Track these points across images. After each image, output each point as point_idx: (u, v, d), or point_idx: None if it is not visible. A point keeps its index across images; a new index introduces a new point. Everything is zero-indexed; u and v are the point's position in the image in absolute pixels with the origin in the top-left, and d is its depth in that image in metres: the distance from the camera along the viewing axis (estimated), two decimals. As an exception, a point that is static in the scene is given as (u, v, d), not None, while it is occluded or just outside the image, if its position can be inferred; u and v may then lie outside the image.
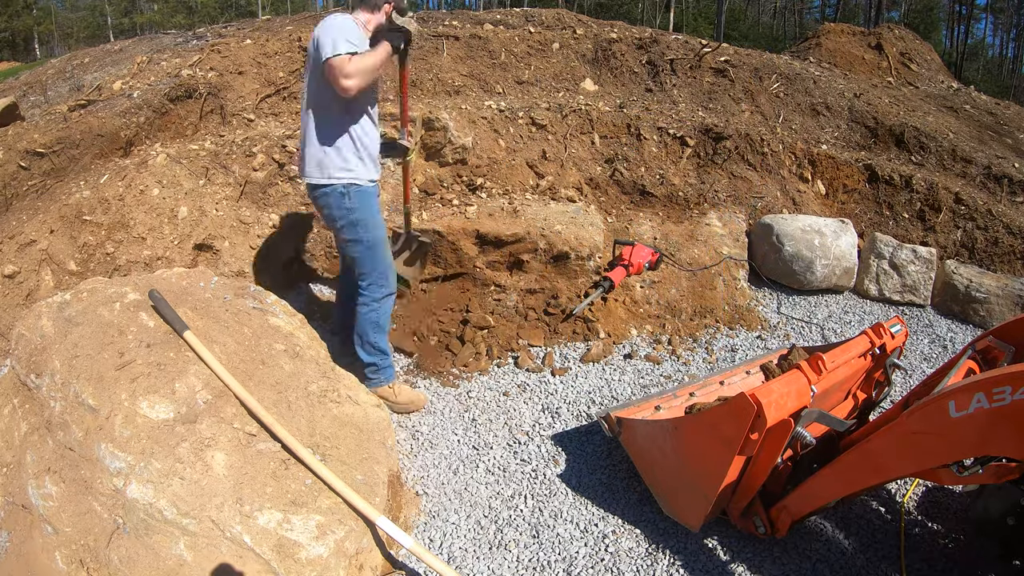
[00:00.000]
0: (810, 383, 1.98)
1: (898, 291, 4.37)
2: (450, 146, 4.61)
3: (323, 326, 3.69)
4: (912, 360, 3.73)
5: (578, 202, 4.36)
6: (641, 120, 5.01)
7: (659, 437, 2.33)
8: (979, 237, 4.58)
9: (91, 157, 3.91)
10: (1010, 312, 4.00)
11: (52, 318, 2.38)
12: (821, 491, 2.07)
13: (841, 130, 5.60)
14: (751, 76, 5.86)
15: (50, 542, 1.92)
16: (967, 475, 1.77)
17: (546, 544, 2.33)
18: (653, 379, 3.43)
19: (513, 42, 5.73)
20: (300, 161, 2.77)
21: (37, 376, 2.23)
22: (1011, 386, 1.55)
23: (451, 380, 3.33)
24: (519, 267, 3.93)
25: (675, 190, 4.72)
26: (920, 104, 6.41)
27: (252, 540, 1.88)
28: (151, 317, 2.42)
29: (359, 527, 2.06)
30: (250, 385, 2.30)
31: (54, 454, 2.05)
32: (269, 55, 4.96)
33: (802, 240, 4.30)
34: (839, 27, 8.29)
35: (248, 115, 4.67)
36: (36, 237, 3.33)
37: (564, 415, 3.08)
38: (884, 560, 2.29)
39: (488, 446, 2.85)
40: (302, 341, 2.71)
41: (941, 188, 4.82)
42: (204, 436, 2.05)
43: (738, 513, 2.25)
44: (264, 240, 3.91)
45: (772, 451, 2.00)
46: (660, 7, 28.78)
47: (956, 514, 2.52)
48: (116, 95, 4.57)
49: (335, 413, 2.45)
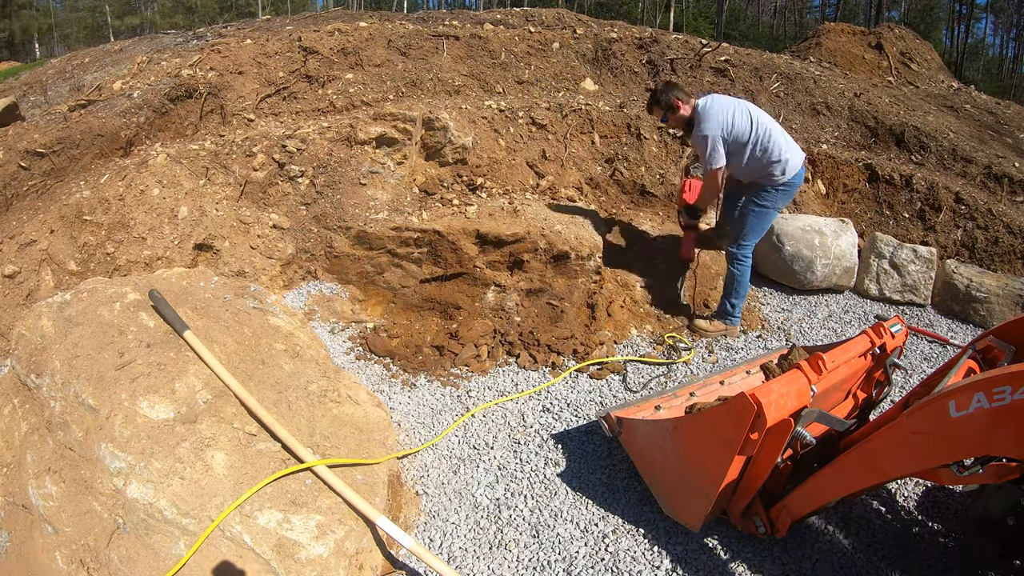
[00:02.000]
0: (810, 383, 1.97)
1: (898, 291, 4.37)
2: (450, 146, 4.61)
3: (323, 326, 3.69)
4: (912, 360, 3.73)
5: (578, 202, 4.36)
6: (641, 120, 5.01)
7: (659, 437, 2.33)
8: (979, 237, 4.58)
9: (91, 157, 3.91)
10: (1010, 312, 4.00)
11: (52, 318, 2.38)
12: (821, 491, 2.07)
13: (841, 130, 5.60)
14: (751, 76, 5.86)
15: (50, 542, 1.92)
16: (967, 475, 1.77)
17: (546, 544, 2.33)
18: (653, 379, 3.43)
19: (513, 42, 5.72)
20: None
21: (37, 376, 2.23)
22: (1011, 386, 1.55)
23: (451, 380, 3.32)
24: (519, 267, 3.93)
25: (675, 190, 4.72)
26: (920, 104, 6.41)
27: (252, 540, 1.88)
28: (151, 317, 2.43)
29: (359, 527, 2.06)
30: (250, 385, 2.30)
31: (54, 454, 2.06)
32: (269, 55, 4.96)
33: (802, 240, 4.30)
34: (839, 27, 8.29)
35: (248, 115, 4.67)
36: (36, 237, 3.33)
37: (564, 415, 3.08)
38: (884, 560, 2.29)
39: (488, 446, 2.85)
40: (302, 341, 2.71)
41: (941, 188, 4.82)
42: (204, 436, 2.05)
43: (738, 513, 2.25)
44: (264, 240, 3.91)
45: (772, 451, 2.00)
46: (660, 7, 28.76)
47: (956, 514, 2.52)
48: (116, 95, 4.57)
49: (335, 413, 2.45)
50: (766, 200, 3.60)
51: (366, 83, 5.01)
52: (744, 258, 3.71)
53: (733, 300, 3.80)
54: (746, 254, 3.71)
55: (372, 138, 4.33)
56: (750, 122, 3.51)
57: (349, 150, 4.28)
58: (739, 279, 3.73)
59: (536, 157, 4.74)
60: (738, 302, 3.81)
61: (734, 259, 3.73)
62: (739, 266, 3.72)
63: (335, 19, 6.49)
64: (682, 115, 3.60)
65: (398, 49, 5.31)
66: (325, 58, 5.02)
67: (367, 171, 4.18)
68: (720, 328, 3.85)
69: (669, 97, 3.57)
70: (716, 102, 3.56)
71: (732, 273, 3.74)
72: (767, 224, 3.74)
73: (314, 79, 4.94)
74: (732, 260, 3.75)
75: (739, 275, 3.72)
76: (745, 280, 3.75)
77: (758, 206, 3.63)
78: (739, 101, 3.63)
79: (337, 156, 4.21)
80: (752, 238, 3.71)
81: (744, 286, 3.77)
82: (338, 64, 5.07)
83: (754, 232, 3.70)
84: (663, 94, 3.59)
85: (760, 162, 3.53)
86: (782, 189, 3.57)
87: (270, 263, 3.86)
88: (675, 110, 3.58)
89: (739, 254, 3.71)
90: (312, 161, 4.15)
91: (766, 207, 3.62)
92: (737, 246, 3.72)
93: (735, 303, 3.80)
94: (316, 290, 3.92)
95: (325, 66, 5.01)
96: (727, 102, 3.58)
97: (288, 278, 3.93)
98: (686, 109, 3.59)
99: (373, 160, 4.28)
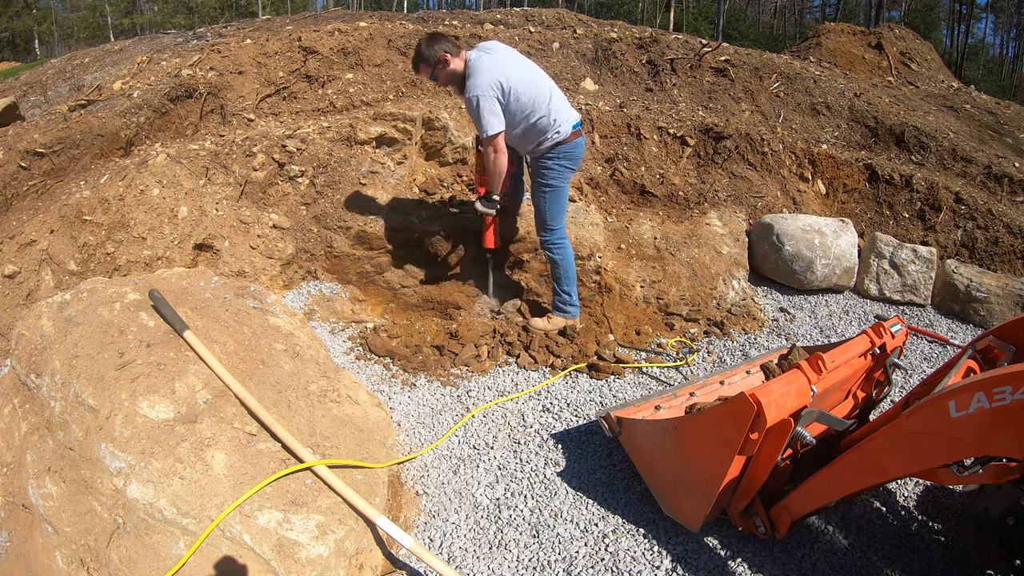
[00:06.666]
0: (810, 383, 1.98)
1: (898, 291, 4.37)
2: (450, 146, 4.61)
3: (323, 326, 3.69)
4: (912, 360, 3.73)
5: (578, 202, 4.36)
6: (641, 120, 5.01)
7: (659, 437, 2.33)
8: (979, 237, 4.58)
9: (91, 157, 3.91)
10: (1010, 312, 4.00)
11: (52, 318, 2.38)
12: (821, 491, 2.07)
13: (841, 130, 5.60)
14: (751, 76, 5.86)
15: (50, 542, 1.92)
16: (967, 475, 1.77)
17: (546, 544, 2.33)
18: (653, 379, 3.43)
19: (513, 41, 5.72)
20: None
21: (37, 376, 2.23)
22: (1011, 386, 1.55)
23: (451, 380, 3.33)
24: (519, 267, 3.93)
25: (675, 190, 4.72)
26: (920, 103, 6.41)
27: (252, 540, 1.88)
28: (151, 317, 2.43)
29: (359, 527, 2.06)
30: (250, 385, 2.30)
31: (54, 454, 2.06)
32: (269, 55, 4.96)
33: (802, 240, 4.30)
34: (839, 27, 8.29)
35: (248, 115, 4.67)
36: (36, 237, 3.33)
37: (564, 415, 3.08)
38: (884, 560, 2.29)
39: (488, 446, 2.85)
40: (302, 341, 2.71)
41: (941, 188, 4.82)
42: (204, 436, 2.05)
43: (738, 513, 2.25)
44: (264, 240, 3.91)
45: (772, 451, 2.00)
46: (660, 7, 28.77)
47: (956, 514, 2.52)
48: (116, 95, 4.57)
49: (335, 413, 2.45)
50: (552, 178, 3.33)
51: (366, 83, 5.01)
52: (558, 241, 3.46)
53: (566, 288, 3.54)
54: (559, 236, 3.46)
55: (372, 138, 4.33)
56: (531, 81, 3.13)
57: (349, 150, 4.28)
58: (562, 264, 3.48)
59: (536, 157, 4.73)
60: (571, 289, 3.54)
61: (548, 246, 3.48)
62: (556, 251, 3.46)
63: (335, 19, 6.50)
64: (452, 69, 3.17)
65: (398, 49, 5.31)
66: (325, 58, 5.02)
67: (367, 171, 4.18)
68: (560, 323, 3.61)
69: (434, 51, 3.11)
70: (488, 56, 3.14)
71: (553, 261, 3.49)
72: (565, 200, 3.46)
73: (314, 79, 4.94)
74: (546, 248, 3.49)
75: (560, 260, 3.47)
76: (568, 264, 3.49)
77: (547, 186, 3.35)
78: (518, 55, 3.28)
79: (337, 156, 4.21)
80: (558, 219, 3.44)
81: (570, 270, 3.51)
82: (338, 64, 5.07)
83: (556, 213, 3.41)
84: (427, 47, 3.12)
85: (536, 128, 3.20)
86: (563, 162, 3.29)
87: (270, 263, 3.86)
88: (444, 64, 3.14)
89: (550, 240, 3.46)
90: (312, 161, 4.15)
91: (553, 186, 3.35)
92: (547, 232, 3.45)
93: (568, 291, 3.54)
94: (316, 290, 3.92)
95: (325, 66, 5.01)
96: (503, 55, 3.19)
97: (288, 278, 3.93)
98: (456, 63, 3.16)
99: (373, 160, 4.29)
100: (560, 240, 3.48)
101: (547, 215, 3.42)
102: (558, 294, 3.58)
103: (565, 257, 3.49)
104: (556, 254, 3.48)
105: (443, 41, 3.16)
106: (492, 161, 3.20)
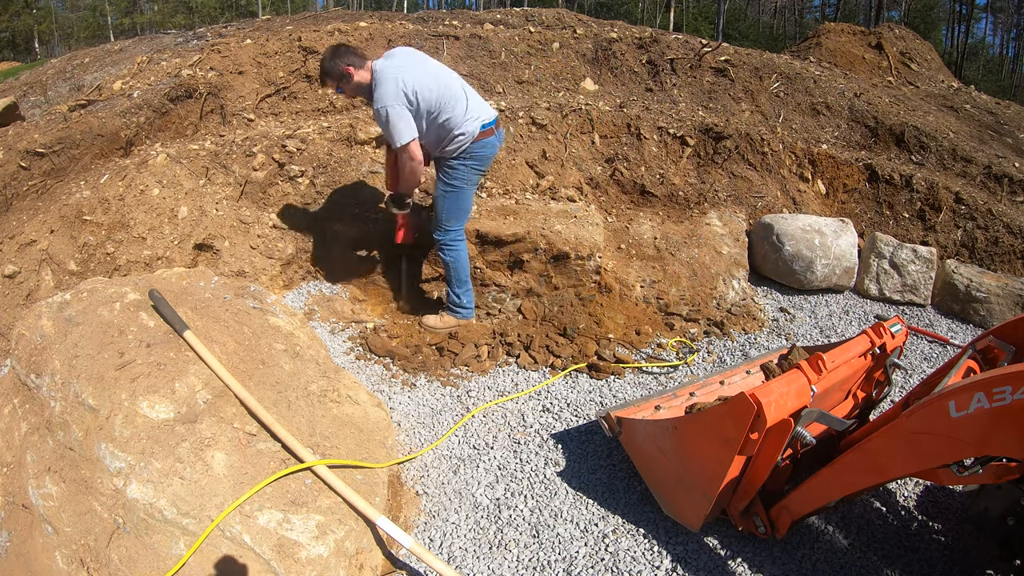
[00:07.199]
0: (810, 383, 1.98)
1: (898, 291, 4.37)
2: (450, 146, 4.60)
3: (323, 326, 3.69)
4: (912, 360, 3.73)
5: (578, 202, 4.36)
6: (641, 120, 5.01)
7: (659, 437, 2.33)
8: (979, 237, 4.58)
9: (91, 157, 3.91)
10: (1010, 312, 4.00)
11: (52, 318, 2.38)
12: (821, 491, 2.07)
13: (841, 130, 5.60)
14: (751, 76, 5.86)
15: (50, 542, 1.92)
16: (967, 475, 1.77)
17: (546, 544, 2.33)
18: (653, 379, 3.44)
19: (513, 42, 5.72)
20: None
21: (37, 376, 2.23)
22: (1011, 386, 1.55)
23: (451, 380, 3.32)
24: (519, 267, 3.93)
25: (675, 190, 4.72)
26: (920, 103, 6.41)
27: (252, 540, 1.88)
28: (151, 317, 2.43)
29: (359, 527, 2.06)
30: (250, 385, 2.30)
31: (54, 454, 2.06)
32: (269, 55, 4.96)
33: (802, 240, 4.30)
34: (839, 26, 8.29)
35: (248, 115, 4.67)
36: (36, 237, 3.33)
37: (564, 415, 3.08)
38: (884, 560, 2.29)
39: (488, 446, 2.85)
40: (302, 341, 2.71)
41: (941, 188, 4.82)
42: (204, 436, 2.05)
43: (738, 513, 2.25)
44: (264, 240, 3.91)
45: (772, 451, 2.00)
46: (660, 7, 28.78)
47: (956, 514, 2.52)
48: (116, 95, 4.57)
49: (335, 413, 2.45)
50: (455, 179, 3.29)
51: (366, 83, 5.00)
52: (452, 242, 3.42)
53: (457, 290, 3.51)
54: (453, 238, 3.42)
55: (372, 138, 4.33)
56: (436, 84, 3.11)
57: (349, 150, 4.28)
58: (455, 266, 3.45)
59: (536, 157, 4.73)
60: (463, 291, 3.52)
61: (441, 247, 3.45)
62: (449, 252, 3.43)
63: (335, 19, 6.49)
64: (358, 82, 3.14)
65: (398, 49, 5.30)
66: (325, 58, 5.02)
67: (367, 171, 4.18)
68: (451, 323, 3.58)
69: (337, 65, 3.09)
70: (392, 64, 3.11)
71: (446, 262, 3.46)
72: (467, 202, 3.43)
73: (314, 79, 4.94)
74: (439, 248, 3.46)
75: (453, 261, 3.44)
76: (462, 265, 3.46)
77: (449, 187, 3.32)
78: (424, 58, 3.27)
79: (337, 156, 4.22)
80: (455, 221, 3.40)
81: (464, 271, 3.48)
82: (338, 64, 5.07)
83: (453, 214, 3.38)
84: (330, 62, 3.10)
85: (444, 130, 3.18)
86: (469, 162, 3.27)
87: (270, 263, 3.86)
88: (348, 78, 3.12)
89: (445, 240, 3.42)
90: (312, 161, 4.15)
91: (455, 187, 3.31)
92: (441, 232, 3.41)
93: (460, 292, 3.52)
94: (316, 290, 3.93)
95: (325, 66, 5.01)
96: (405, 59, 3.16)
97: (288, 278, 3.93)
98: (362, 75, 3.13)
99: (373, 160, 4.29)
100: (454, 242, 3.44)
101: (443, 215, 3.38)
102: (449, 295, 3.55)
103: (457, 259, 3.46)
104: (448, 255, 3.45)
105: (347, 54, 3.13)
106: (409, 169, 3.21)
